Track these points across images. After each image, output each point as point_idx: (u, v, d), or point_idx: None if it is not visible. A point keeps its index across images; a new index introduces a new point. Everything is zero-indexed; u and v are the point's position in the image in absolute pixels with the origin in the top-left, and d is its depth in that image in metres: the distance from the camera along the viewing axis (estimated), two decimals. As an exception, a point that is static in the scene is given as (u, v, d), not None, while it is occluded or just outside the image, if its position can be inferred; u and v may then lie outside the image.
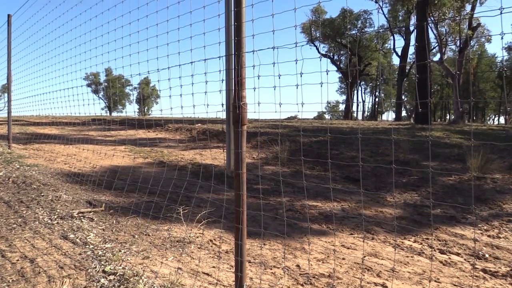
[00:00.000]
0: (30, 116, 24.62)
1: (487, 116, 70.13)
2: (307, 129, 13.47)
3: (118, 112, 73.96)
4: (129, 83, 63.06)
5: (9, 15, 9.71)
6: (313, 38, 42.52)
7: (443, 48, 29.60)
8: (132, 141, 12.32)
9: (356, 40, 40.68)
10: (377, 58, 43.60)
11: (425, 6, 20.29)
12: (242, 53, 2.31)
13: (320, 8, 38.58)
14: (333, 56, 46.55)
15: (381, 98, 66.84)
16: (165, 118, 17.81)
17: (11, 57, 9.83)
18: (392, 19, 37.22)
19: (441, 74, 47.87)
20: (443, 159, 8.05)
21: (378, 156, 8.53)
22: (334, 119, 48.65)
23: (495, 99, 55.29)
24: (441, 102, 61.70)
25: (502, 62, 53.32)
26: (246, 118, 2.35)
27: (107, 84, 61.33)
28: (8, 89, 10.07)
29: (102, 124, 17.49)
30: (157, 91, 66.38)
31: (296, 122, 18.19)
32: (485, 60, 56.11)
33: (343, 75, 48.74)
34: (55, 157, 8.81)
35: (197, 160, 8.65)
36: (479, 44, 50.70)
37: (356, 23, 41.71)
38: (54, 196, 4.86)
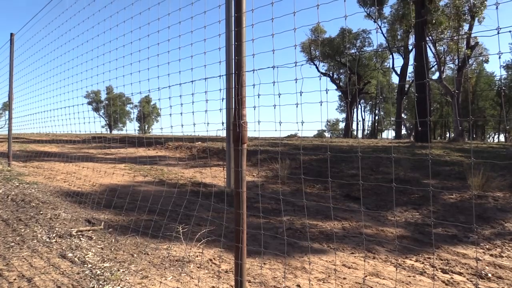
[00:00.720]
0: (30, 134, 24.71)
1: (487, 134, 70.28)
2: (307, 147, 13.48)
3: (119, 130, 74.20)
4: (130, 101, 63.34)
5: (11, 33, 9.83)
6: (312, 57, 42.95)
7: (442, 66, 29.88)
8: (132, 159, 12.32)
9: (355, 59, 41.13)
10: (376, 77, 43.91)
11: (423, 25, 20.56)
12: (242, 72, 2.33)
13: (319, 27, 39.05)
14: (333, 75, 46.90)
15: (380, 116, 67.12)
16: (165, 136, 17.85)
17: (13, 75, 9.91)
18: (391, 38, 37.64)
19: (440, 92, 48.16)
20: (443, 177, 8.03)
21: (378, 174, 8.51)
22: (334, 137, 48.74)
23: (494, 117, 55.47)
24: (440, 120, 61.90)
25: (500, 81, 53.73)
26: (246, 137, 2.35)
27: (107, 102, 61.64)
28: (9, 107, 10.12)
29: (102, 142, 17.51)
30: (157, 109, 66.69)
31: (296, 140, 18.22)
32: (483, 79, 56.54)
33: (343, 94, 49.02)
34: (55, 175, 8.80)
35: (197, 178, 8.63)
36: (478, 62, 51.15)
37: (355, 42, 42.16)
38: (53, 214, 4.83)
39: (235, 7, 2.59)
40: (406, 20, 26.24)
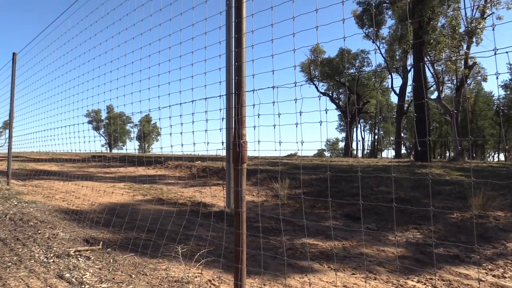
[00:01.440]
0: (30, 152, 24.71)
1: (486, 153, 70.31)
2: (307, 166, 13.46)
3: (119, 149, 74.24)
4: (130, 120, 63.55)
5: (14, 53, 9.93)
6: (312, 77, 43.31)
7: (441, 86, 30.10)
8: (132, 178, 12.29)
9: (354, 79, 41.47)
10: (376, 96, 44.21)
11: (421, 46, 20.80)
12: (242, 92, 2.35)
13: (318, 48, 39.49)
14: (332, 94, 47.22)
15: (380, 135, 67.29)
16: (165, 155, 17.85)
17: (14, 94, 9.98)
18: (389, 59, 38.04)
19: (440, 111, 48.39)
20: (444, 197, 8.00)
21: (378, 194, 8.48)
22: (334, 157, 48.71)
23: (493, 136, 55.60)
24: (440, 140, 62.02)
25: (499, 100, 54.04)
26: (246, 156, 2.35)
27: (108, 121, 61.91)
28: (10, 126, 10.15)
29: (102, 161, 17.50)
30: (158, 128, 66.95)
31: (296, 159, 18.21)
32: (482, 98, 56.89)
33: (342, 113, 49.25)
34: (54, 194, 8.76)
35: (196, 198, 8.60)
36: (476, 82, 51.55)
37: (354, 62, 42.60)
38: (51, 234, 4.80)
39: (235, 28, 2.63)
40: (404, 41, 26.57)
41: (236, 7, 2.73)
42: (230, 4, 2.82)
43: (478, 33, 23.98)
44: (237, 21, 2.66)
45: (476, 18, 25.63)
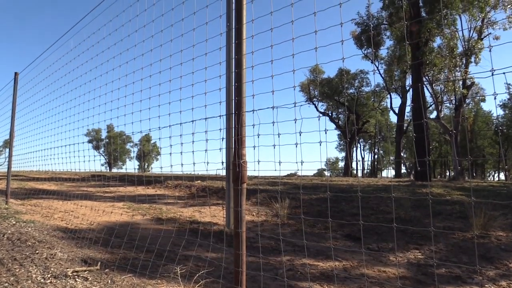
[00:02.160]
0: (29, 171, 24.67)
1: (486, 172, 70.17)
2: (307, 186, 13.42)
3: (118, 168, 74.11)
4: (130, 139, 63.66)
5: (16, 73, 10.02)
6: (311, 97, 43.58)
7: (439, 106, 30.26)
8: (131, 197, 12.24)
9: (353, 99, 41.71)
10: (375, 116, 44.41)
11: (419, 66, 21.00)
12: (242, 112, 2.37)
13: (318, 68, 39.87)
14: (332, 114, 47.42)
15: (380, 155, 67.29)
16: (164, 175, 17.81)
17: (15, 113, 10.02)
18: (388, 79, 38.34)
19: (439, 131, 48.53)
20: (445, 217, 7.96)
21: (379, 214, 8.43)
22: (334, 176, 48.61)
23: (493, 156, 55.60)
24: (440, 159, 61.98)
25: (497, 119, 54.23)
26: (246, 176, 2.36)
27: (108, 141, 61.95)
28: (10, 145, 10.16)
29: (102, 180, 17.46)
30: (157, 147, 66.95)
31: (296, 179, 18.17)
32: (481, 117, 57.11)
33: (342, 133, 49.39)
34: (52, 213, 8.71)
35: (196, 218, 8.55)
36: (475, 101, 51.86)
37: (353, 82, 42.92)
38: (48, 254, 4.75)
39: (235, 49, 2.67)
40: (402, 61, 26.86)
41: (236, 29, 2.77)
42: (230, 26, 2.87)
43: (476, 54, 24.24)
44: (237, 43, 2.70)
45: (473, 39, 25.96)
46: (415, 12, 22.11)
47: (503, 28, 25.49)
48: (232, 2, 2.96)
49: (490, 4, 24.03)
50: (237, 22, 2.81)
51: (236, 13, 2.87)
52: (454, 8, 22.29)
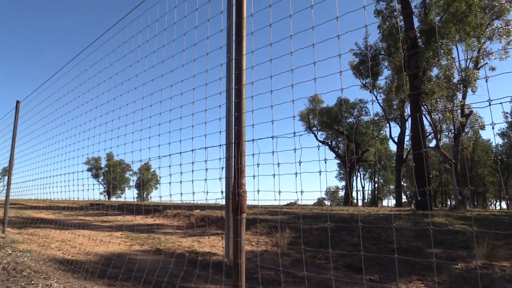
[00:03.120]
0: (27, 200, 24.50)
1: (488, 201, 69.71)
2: (307, 215, 13.31)
3: (117, 197, 73.68)
4: (130, 168, 63.63)
5: (17, 101, 10.10)
6: (311, 126, 43.81)
7: (438, 134, 30.39)
8: (130, 227, 12.11)
9: (353, 128, 41.93)
10: (374, 145, 44.52)
11: (418, 96, 21.21)
12: (242, 142, 2.37)
13: (317, 97, 40.25)
14: (331, 143, 47.54)
15: (380, 184, 67.03)
16: (163, 204, 17.68)
17: (16, 141, 10.05)
18: (387, 108, 38.65)
19: (439, 160, 48.50)
20: (447, 246, 7.85)
21: (380, 244, 8.33)
22: (334, 205, 48.29)
23: (494, 184, 55.36)
24: (440, 189, 61.72)
25: (497, 148, 54.30)
26: (245, 206, 2.34)
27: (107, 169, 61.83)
28: (9, 173, 10.14)
29: (100, 209, 17.32)
30: (157, 176, 66.78)
31: (296, 208, 18.04)
32: (480, 146, 57.21)
33: (342, 162, 49.37)
34: (49, 242, 8.60)
35: (195, 248, 8.43)
36: (474, 130, 52.08)
37: (352, 111, 43.23)
38: (44, 285, 4.66)
39: (235, 79, 2.70)
40: (400, 91, 27.18)
41: (237, 60, 2.81)
42: (230, 57, 2.92)
43: (472, 83, 24.55)
44: (237, 73, 2.74)
45: (470, 69, 26.33)
46: (412, 43, 22.53)
47: (499, 58, 25.92)
48: (232, 34, 3.02)
49: (485, 35, 24.52)
50: (237, 54, 2.86)
51: (237, 44, 2.92)
52: (449, 38, 22.73)
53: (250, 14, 3.04)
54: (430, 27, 22.07)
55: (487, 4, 24.16)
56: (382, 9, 26.06)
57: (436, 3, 23.26)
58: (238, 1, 2.98)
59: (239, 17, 2.99)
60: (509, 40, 24.61)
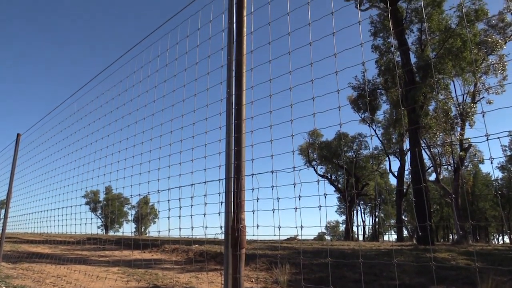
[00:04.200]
0: (24, 233, 24.16)
1: (490, 235, 68.76)
2: (307, 250, 13.10)
3: (115, 231, 72.67)
4: (128, 201, 63.22)
5: (18, 134, 10.13)
6: (310, 160, 43.82)
7: (438, 168, 30.36)
8: (127, 262, 11.89)
9: (352, 162, 41.91)
10: (374, 179, 44.37)
11: (416, 130, 21.34)
12: (242, 176, 2.37)
13: (316, 131, 40.47)
14: (331, 177, 47.40)
15: (380, 218, 66.36)
16: (162, 238, 17.44)
17: (14, 174, 10.00)
18: (386, 142, 38.78)
19: (439, 193, 48.23)
20: (451, 282, 7.69)
21: (382, 280, 8.16)
22: (335, 240, 47.63)
23: (496, 218, 54.80)
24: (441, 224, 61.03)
25: (497, 182, 54.11)
26: (244, 241, 2.31)
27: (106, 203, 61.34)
28: (6, 206, 10.04)
29: (97, 244, 17.07)
30: (155, 210, 66.15)
31: (296, 243, 17.78)
32: (480, 179, 56.97)
33: (342, 196, 49.08)
34: (44, 278, 8.41)
35: (193, 284, 8.25)
36: (473, 164, 52.03)
37: (351, 145, 43.33)
38: (37, 324, 4.53)
39: (235, 114, 2.73)
40: (399, 125, 27.36)
41: (236, 95, 2.86)
42: (230, 92, 2.96)
43: (470, 117, 24.76)
44: (237, 108, 2.78)
45: (467, 103, 26.62)
46: (409, 78, 22.88)
47: (495, 92, 26.22)
48: (232, 70, 3.08)
49: (480, 70, 24.93)
50: (237, 89, 2.91)
51: (236, 80, 2.98)
52: (446, 73, 23.10)
53: (250, 51, 3.11)
54: (426, 63, 22.48)
55: (481, 39, 24.71)
56: (380, 45, 26.58)
57: (432, 40, 23.79)
58: (238, 39, 3.06)
59: (239, 53, 3.06)
60: (504, 75, 25.03)
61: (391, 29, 23.53)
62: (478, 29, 24.73)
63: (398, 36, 23.06)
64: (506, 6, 25.89)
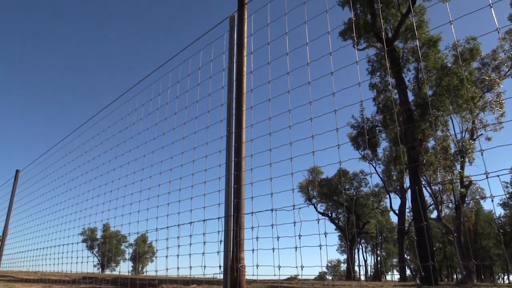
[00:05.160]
0: (18, 271, 23.56)
1: (495, 274, 67.23)
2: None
3: (111, 270, 71.08)
4: (126, 239, 62.23)
5: (17, 170, 10.10)
6: (310, 197, 43.52)
7: (439, 206, 30.08)
8: (122, 302, 11.56)
9: (353, 199, 41.61)
10: (375, 217, 43.88)
11: (416, 167, 21.32)
12: (241, 215, 2.35)
13: (316, 168, 40.39)
14: (331, 215, 46.89)
15: (382, 257, 65.11)
16: (159, 278, 17.02)
17: (12, 210, 9.91)
18: (386, 179, 38.63)
19: (441, 231, 47.58)
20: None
21: (385, 322, 7.92)
22: (336, 280, 46.56)
23: (500, 257, 53.76)
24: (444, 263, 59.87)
25: (499, 219, 53.52)
26: (244, 282, 2.27)
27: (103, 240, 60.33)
28: (1, 243, 9.89)
29: (93, 283, 16.64)
30: (153, 248, 64.98)
31: (297, 283, 17.38)
32: (483, 216, 56.35)
33: (343, 234, 48.38)
34: (37, 320, 8.16)
35: (190, 326, 8.00)
36: (475, 201, 51.61)
37: (352, 183, 43.13)
38: None
39: (235, 152, 2.74)
40: (399, 162, 27.37)
41: (236, 133, 2.88)
42: (230, 130, 2.99)
43: (469, 154, 24.79)
44: (237, 146, 2.79)
45: (466, 139, 26.73)
46: (407, 115, 23.09)
47: (493, 129, 26.40)
48: (232, 108, 3.12)
49: (478, 107, 25.21)
50: (237, 127, 2.94)
51: (236, 118, 3.01)
52: (444, 110, 23.35)
53: (250, 89, 3.16)
54: (424, 101, 22.77)
55: (477, 78, 25.14)
56: (377, 83, 26.97)
57: (429, 78, 24.21)
58: (239, 78, 3.12)
59: (239, 92, 3.11)
60: (502, 112, 25.28)
61: (388, 69, 24.00)
62: (473, 67, 25.22)
63: (395, 74, 23.47)
64: (500, 45, 26.55)
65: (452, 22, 2.50)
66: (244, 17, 3.42)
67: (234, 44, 3.37)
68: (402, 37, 25.06)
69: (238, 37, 3.34)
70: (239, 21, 3.42)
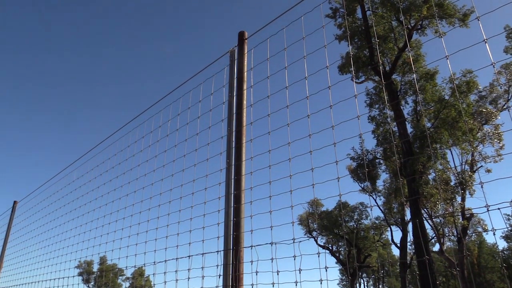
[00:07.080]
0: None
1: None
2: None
3: (107, 305, 69.25)
4: (123, 273, 61.13)
5: (15, 201, 10.02)
6: (310, 230, 43.04)
7: (441, 238, 29.71)
8: None
9: (353, 232, 41.11)
10: (376, 250, 43.23)
11: (417, 200, 21.21)
12: (241, 248, 2.33)
13: (316, 201, 40.14)
14: (332, 248, 46.20)
15: (384, 291, 63.69)
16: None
17: (7, 243, 9.76)
18: (387, 211, 38.30)
19: (444, 264, 46.80)
20: None
21: None
22: (338, 315, 45.43)
23: (505, 293, 52.58)
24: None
25: (503, 252, 52.73)
26: (243, 318, 2.22)
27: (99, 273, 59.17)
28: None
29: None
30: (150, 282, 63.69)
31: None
32: (486, 249, 55.54)
33: (344, 268, 47.53)
34: None
35: None
36: (477, 233, 51.01)
37: (352, 215, 42.73)
38: None
39: (234, 185, 2.74)
40: (399, 194, 27.25)
41: (236, 166, 2.89)
42: (230, 163, 3.00)
43: (469, 186, 24.71)
44: (236, 178, 2.79)
45: (466, 171, 26.69)
46: (407, 148, 23.17)
47: (493, 161, 26.42)
48: (232, 141, 3.15)
49: (477, 138, 25.32)
50: (237, 159, 2.95)
51: (236, 150, 3.03)
52: (443, 143, 23.45)
53: (250, 122, 3.19)
54: (423, 134, 22.92)
55: (475, 110, 25.39)
56: (376, 115, 27.21)
57: (427, 111, 24.44)
58: (238, 111, 3.16)
59: (239, 125, 3.14)
60: (501, 144, 25.38)
61: (387, 102, 24.28)
62: (471, 99, 25.52)
63: (393, 107, 23.72)
64: (496, 79, 26.98)
65: (448, 57, 2.55)
66: (244, 51, 3.50)
67: (234, 78, 3.43)
68: (400, 71, 25.49)
69: (238, 71, 3.41)
70: (239, 55, 3.50)
